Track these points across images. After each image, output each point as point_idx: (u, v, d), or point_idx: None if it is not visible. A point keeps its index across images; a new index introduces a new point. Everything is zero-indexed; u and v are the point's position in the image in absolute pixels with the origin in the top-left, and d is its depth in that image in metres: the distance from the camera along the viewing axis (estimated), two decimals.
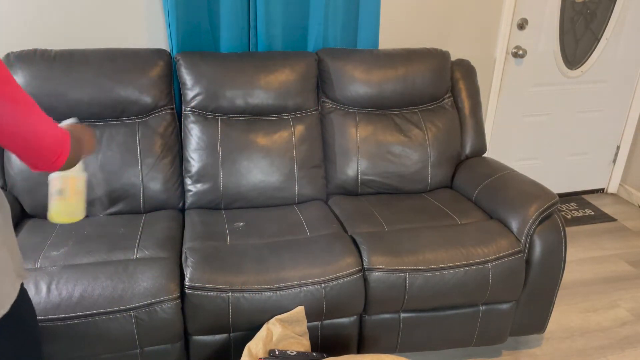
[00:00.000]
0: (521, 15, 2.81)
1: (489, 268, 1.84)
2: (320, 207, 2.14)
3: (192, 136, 2.12)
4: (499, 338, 2.02)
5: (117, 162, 2.02)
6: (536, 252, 1.90)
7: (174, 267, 1.69)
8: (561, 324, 2.32)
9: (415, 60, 2.35)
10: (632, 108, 3.28)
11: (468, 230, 1.94)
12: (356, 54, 2.32)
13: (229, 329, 1.70)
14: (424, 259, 1.81)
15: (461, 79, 2.45)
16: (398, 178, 2.28)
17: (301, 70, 2.23)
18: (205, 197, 2.10)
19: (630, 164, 3.40)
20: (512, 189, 2.06)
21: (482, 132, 2.45)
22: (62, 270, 1.62)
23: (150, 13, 2.25)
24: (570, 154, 3.32)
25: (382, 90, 2.30)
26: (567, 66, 3.03)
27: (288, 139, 2.18)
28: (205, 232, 1.90)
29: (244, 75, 2.16)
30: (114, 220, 1.97)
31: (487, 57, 2.83)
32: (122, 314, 1.57)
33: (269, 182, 2.13)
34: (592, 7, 2.93)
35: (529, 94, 3.04)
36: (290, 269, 1.72)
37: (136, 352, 1.65)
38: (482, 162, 2.35)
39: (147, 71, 2.08)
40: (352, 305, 1.78)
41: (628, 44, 3.09)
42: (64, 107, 2.00)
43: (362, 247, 1.84)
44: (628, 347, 2.19)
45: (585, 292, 2.53)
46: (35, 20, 2.14)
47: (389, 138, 2.28)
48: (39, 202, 1.98)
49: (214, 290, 1.64)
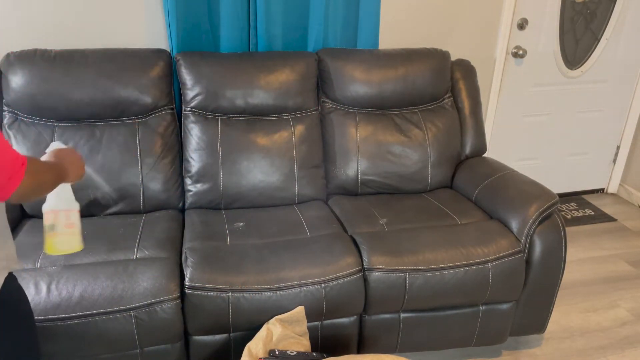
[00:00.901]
0: (521, 15, 2.81)
1: (489, 268, 1.84)
2: (320, 207, 2.14)
3: (192, 136, 2.12)
4: (499, 338, 2.02)
5: (117, 162, 2.02)
6: (536, 252, 1.90)
7: (174, 267, 1.69)
8: (561, 324, 2.32)
9: (415, 60, 2.35)
10: (632, 108, 3.28)
11: (468, 230, 1.94)
12: (356, 54, 2.32)
13: (229, 329, 1.69)
14: (424, 259, 1.81)
15: (461, 79, 2.45)
16: (398, 178, 2.28)
17: (301, 70, 2.23)
18: (205, 197, 2.10)
19: (630, 164, 3.40)
20: (512, 189, 2.06)
21: (482, 132, 2.45)
22: (62, 270, 1.62)
23: (150, 13, 2.25)
24: (570, 154, 3.32)
25: (382, 90, 2.30)
26: (567, 66, 3.03)
27: (288, 139, 2.18)
28: (205, 232, 1.90)
29: (244, 75, 2.16)
30: (114, 220, 1.97)
31: (487, 57, 2.83)
32: (122, 314, 1.57)
33: (269, 182, 2.13)
34: (592, 7, 2.93)
35: (529, 94, 3.04)
36: (290, 269, 1.72)
37: (136, 352, 1.65)
38: (482, 162, 2.35)
39: (147, 71, 2.08)
40: (352, 305, 1.78)
41: (628, 44, 3.09)
42: (64, 107, 2.00)
43: (362, 247, 1.84)
44: (628, 347, 2.19)
45: (585, 292, 2.53)
46: (35, 20, 2.14)
47: (389, 138, 2.28)
48: (39, 202, 1.97)
49: (214, 290, 1.64)
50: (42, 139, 1.99)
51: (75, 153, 1.30)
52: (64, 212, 1.30)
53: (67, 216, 1.30)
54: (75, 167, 1.27)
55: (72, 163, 1.26)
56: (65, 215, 1.30)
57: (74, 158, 1.28)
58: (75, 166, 1.27)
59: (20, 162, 0.99)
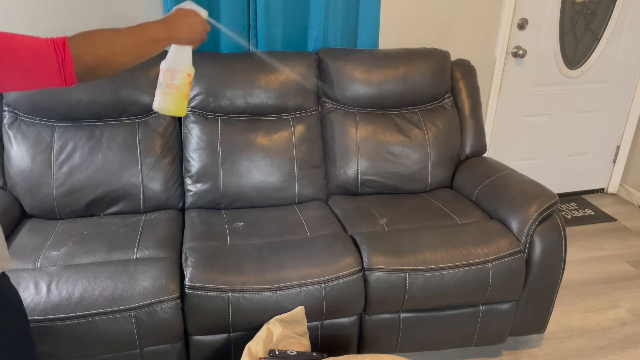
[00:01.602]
0: (521, 15, 2.81)
1: (489, 268, 1.84)
2: (320, 207, 2.14)
3: (192, 136, 2.12)
4: (499, 338, 2.02)
5: (117, 162, 2.02)
6: (536, 252, 1.90)
7: (174, 267, 1.69)
8: (561, 324, 2.32)
9: (415, 60, 2.35)
10: (632, 108, 3.28)
11: (468, 230, 1.94)
12: (356, 54, 2.32)
13: (229, 329, 1.69)
14: (424, 259, 1.81)
15: (461, 79, 2.45)
16: (398, 178, 2.28)
17: (301, 70, 2.22)
18: (205, 197, 2.10)
19: (630, 164, 3.40)
20: (512, 189, 2.06)
21: (482, 132, 2.45)
22: (62, 270, 1.62)
23: (151, 13, 2.25)
24: (570, 154, 3.32)
25: (382, 90, 2.30)
26: (567, 66, 3.03)
27: (288, 139, 2.17)
28: (205, 232, 1.90)
29: (244, 75, 2.16)
30: (114, 220, 1.97)
31: (487, 57, 2.83)
32: (122, 314, 1.57)
33: (269, 182, 2.13)
34: (592, 7, 2.93)
35: (529, 94, 3.03)
36: (290, 269, 1.71)
37: (136, 352, 1.65)
38: (482, 162, 2.35)
39: (147, 71, 2.08)
40: (352, 305, 1.78)
41: (628, 44, 3.09)
42: (63, 107, 2.00)
43: (362, 247, 1.84)
44: (628, 347, 2.19)
45: (585, 292, 2.53)
46: (35, 20, 2.14)
47: (389, 138, 2.28)
48: (39, 202, 1.98)
49: (214, 290, 1.64)
50: (42, 138, 1.99)
51: (192, 16, 1.25)
52: (170, 72, 1.26)
53: (172, 77, 1.26)
54: (186, 31, 1.22)
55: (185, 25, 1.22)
56: (170, 76, 1.27)
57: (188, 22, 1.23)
58: (186, 29, 1.22)
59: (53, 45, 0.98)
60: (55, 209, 1.98)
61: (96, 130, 2.04)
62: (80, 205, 1.99)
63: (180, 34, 1.22)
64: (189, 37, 1.24)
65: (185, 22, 1.22)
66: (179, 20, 1.22)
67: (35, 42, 0.98)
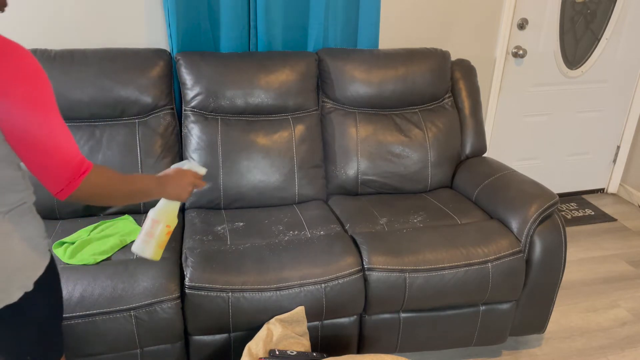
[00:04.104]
0: (521, 15, 2.81)
1: (489, 268, 1.84)
2: (320, 207, 2.14)
3: (192, 136, 2.12)
4: (499, 338, 2.02)
5: (117, 162, 2.02)
6: (536, 252, 1.90)
7: (174, 267, 1.69)
8: (561, 324, 2.32)
9: (415, 60, 2.35)
10: (632, 108, 3.28)
11: (468, 230, 1.94)
12: (356, 54, 2.32)
13: (229, 329, 1.70)
14: (424, 259, 1.81)
15: (461, 79, 2.45)
16: (398, 178, 2.28)
17: (301, 70, 2.22)
18: (205, 197, 2.10)
19: (630, 164, 3.40)
20: (512, 189, 2.06)
21: (482, 132, 2.45)
22: (62, 270, 1.62)
23: (150, 13, 2.25)
24: (570, 154, 3.32)
25: (382, 90, 2.30)
26: (567, 66, 3.03)
27: (288, 139, 2.17)
28: (205, 232, 1.90)
29: (244, 75, 2.16)
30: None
31: (487, 57, 2.83)
32: (122, 314, 1.57)
33: (269, 182, 2.13)
34: (592, 7, 2.93)
35: (529, 94, 3.04)
36: (290, 269, 1.72)
37: (136, 352, 1.65)
38: (482, 162, 2.35)
39: (147, 71, 2.08)
40: (352, 305, 1.78)
41: (628, 44, 3.09)
42: (64, 107, 2.00)
43: (362, 247, 1.84)
44: (628, 347, 2.19)
45: (585, 292, 2.53)
46: (35, 20, 2.14)
47: (389, 138, 2.28)
48: (38, 202, 1.97)
49: (214, 290, 1.64)
50: None
51: (184, 177, 1.36)
52: (154, 222, 1.36)
53: (154, 226, 1.36)
54: (176, 190, 1.33)
55: (176, 185, 1.33)
56: (152, 225, 1.36)
57: (180, 183, 1.34)
58: (176, 189, 1.33)
59: (83, 169, 1.04)
60: (55, 209, 1.98)
61: (96, 130, 2.04)
62: (80, 205, 1.99)
63: (170, 192, 1.33)
64: (177, 195, 1.35)
65: (177, 183, 1.33)
66: (172, 180, 1.33)
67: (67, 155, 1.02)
